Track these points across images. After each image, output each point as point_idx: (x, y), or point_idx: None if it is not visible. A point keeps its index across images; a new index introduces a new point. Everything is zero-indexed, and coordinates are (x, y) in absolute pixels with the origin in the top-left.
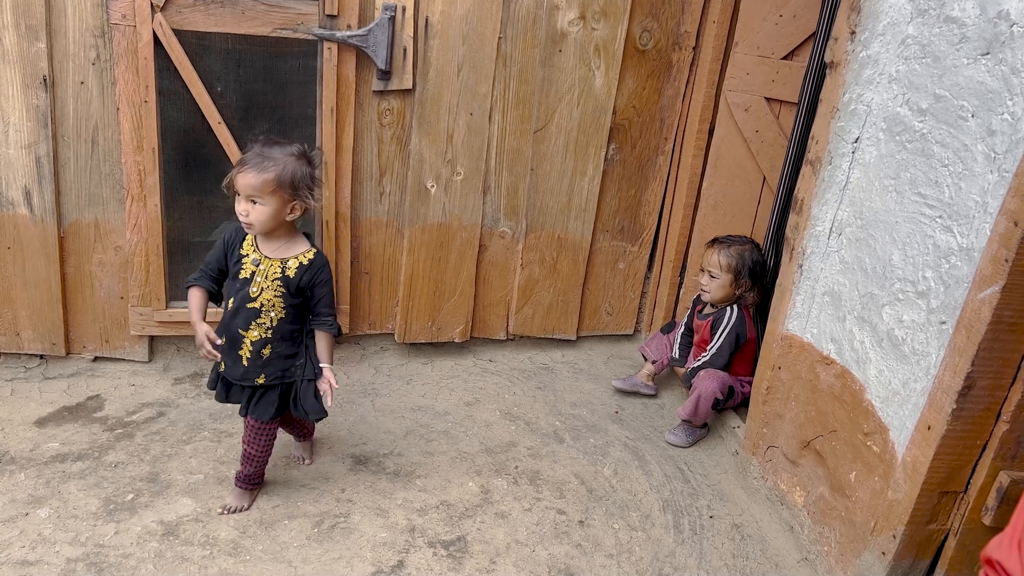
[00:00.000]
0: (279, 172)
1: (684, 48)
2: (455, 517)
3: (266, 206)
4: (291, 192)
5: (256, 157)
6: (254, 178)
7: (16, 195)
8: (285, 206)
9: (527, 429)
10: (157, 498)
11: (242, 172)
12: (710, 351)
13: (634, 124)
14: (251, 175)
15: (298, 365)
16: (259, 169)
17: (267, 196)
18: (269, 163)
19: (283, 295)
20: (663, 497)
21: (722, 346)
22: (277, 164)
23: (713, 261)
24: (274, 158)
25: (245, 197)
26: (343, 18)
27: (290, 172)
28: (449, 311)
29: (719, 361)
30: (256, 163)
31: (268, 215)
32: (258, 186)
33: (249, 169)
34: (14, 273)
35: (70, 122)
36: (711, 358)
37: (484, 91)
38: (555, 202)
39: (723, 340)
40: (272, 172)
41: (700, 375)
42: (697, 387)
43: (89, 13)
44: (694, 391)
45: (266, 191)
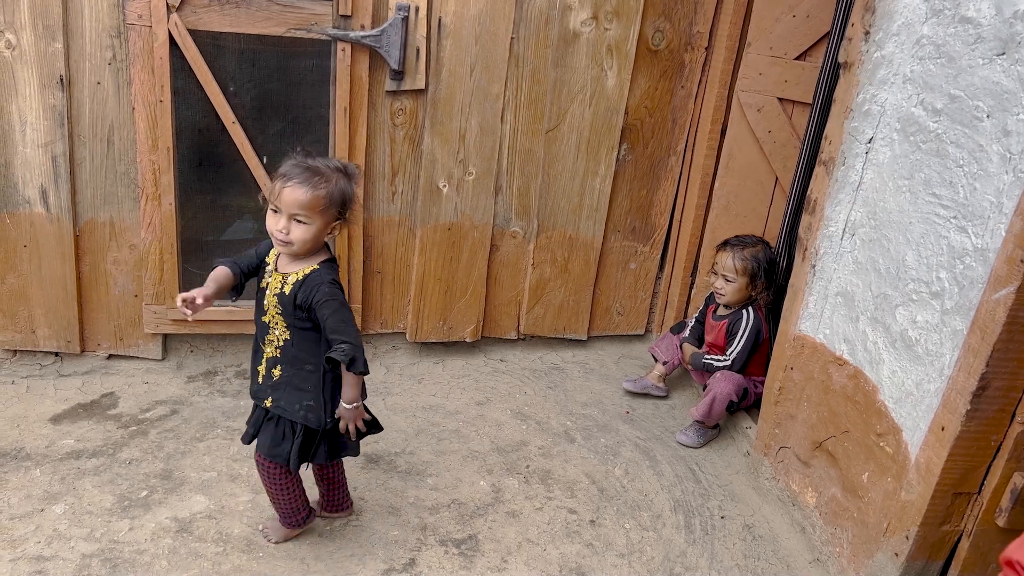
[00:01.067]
0: (330, 189)
1: (696, 48)
2: (466, 516)
3: (312, 225)
4: (339, 212)
5: (304, 172)
6: (304, 194)
7: (33, 194)
8: (328, 226)
9: (538, 428)
10: (171, 495)
11: (290, 186)
12: (731, 355)
13: (646, 124)
14: (301, 191)
15: (305, 406)
16: (310, 185)
17: (316, 215)
18: (319, 179)
19: (281, 313)
20: (674, 497)
21: (742, 350)
22: (328, 181)
23: (728, 265)
24: (323, 173)
25: (289, 214)
26: (357, 18)
27: (340, 189)
28: (460, 310)
29: (738, 365)
30: (305, 178)
31: (312, 235)
32: (308, 203)
33: (299, 184)
34: (30, 271)
35: (86, 121)
36: (732, 362)
37: (496, 91)
38: (567, 202)
39: (743, 344)
40: (324, 189)
41: (716, 377)
42: (712, 388)
43: (105, 13)
44: (709, 392)
45: (316, 209)
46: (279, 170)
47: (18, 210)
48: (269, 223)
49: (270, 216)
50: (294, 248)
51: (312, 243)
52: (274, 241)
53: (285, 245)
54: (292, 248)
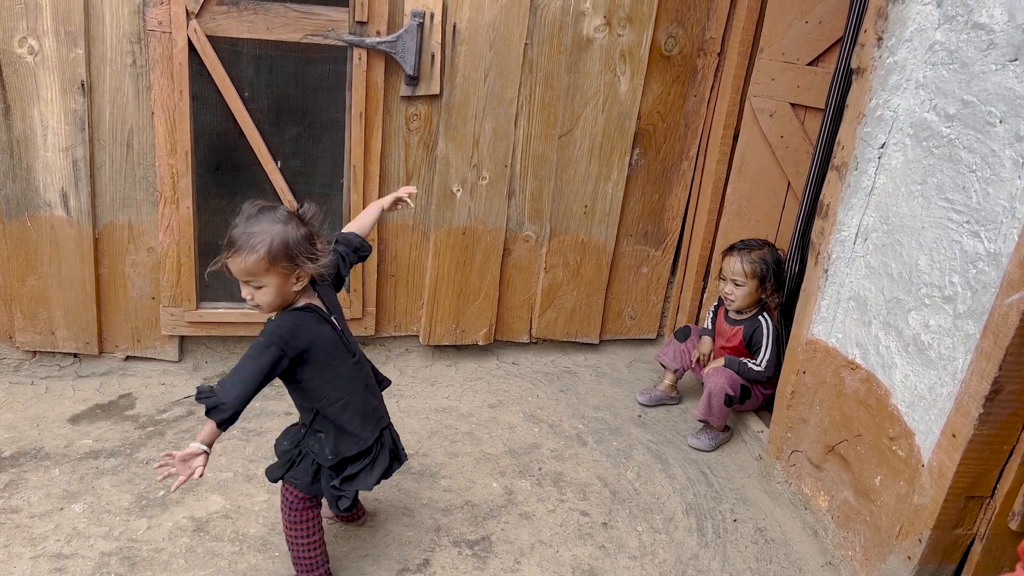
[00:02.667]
0: (269, 247)
1: (709, 54)
2: (479, 517)
3: (268, 286)
4: (288, 263)
5: (242, 236)
6: (243, 261)
7: (53, 197)
8: (288, 280)
9: (550, 431)
10: (188, 495)
11: (231, 257)
12: (763, 362)
13: (658, 129)
14: (239, 259)
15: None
16: (247, 250)
17: (263, 275)
18: (255, 239)
19: None
20: (686, 500)
21: (772, 355)
22: (264, 238)
23: (737, 269)
24: (258, 231)
25: (243, 282)
26: (372, 24)
27: (280, 242)
28: (473, 314)
29: (771, 370)
30: (242, 243)
31: (272, 295)
32: (251, 268)
33: (236, 252)
34: (50, 273)
35: (106, 126)
36: (766, 368)
37: (510, 96)
38: (579, 206)
39: (771, 349)
40: (262, 249)
41: (709, 373)
42: (707, 385)
43: (126, 20)
44: (704, 390)
45: (260, 271)
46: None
47: (39, 213)
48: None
49: (241, 285)
50: (264, 311)
51: (279, 300)
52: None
53: (257, 309)
54: (263, 311)
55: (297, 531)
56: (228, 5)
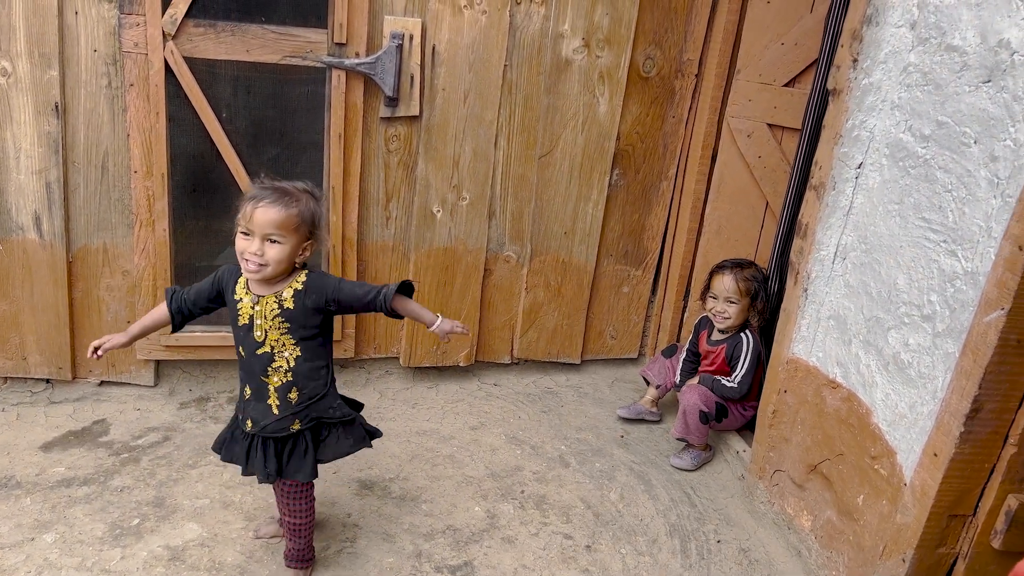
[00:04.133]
0: (301, 208)
1: (687, 75)
2: (461, 542)
3: (286, 244)
4: (310, 231)
5: (274, 192)
6: (277, 213)
7: (26, 220)
8: (300, 246)
9: (533, 453)
10: (163, 523)
11: (262, 207)
12: (736, 379)
13: (638, 150)
14: (273, 210)
15: (336, 404)
16: (282, 204)
17: (289, 233)
18: (290, 198)
19: (290, 331)
20: (670, 521)
21: (747, 373)
22: (299, 200)
23: (731, 287)
24: (293, 193)
25: (262, 236)
26: (351, 46)
27: (311, 209)
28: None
29: (745, 387)
30: (276, 197)
31: (286, 255)
32: (281, 222)
33: (270, 204)
34: (22, 297)
35: (81, 148)
36: (739, 385)
37: (490, 118)
38: (560, 227)
39: (747, 367)
40: (296, 207)
41: (682, 390)
42: (681, 403)
43: (102, 41)
44: (680, 407)
45: (290, 227)
46: (248, 194)
47: (11, 236)
48: (240, 246)
49: (240, 240)
50: (268, 271)
51: (286, 264)
52: (245, 266)
53: (259, 268)
54: (266, 271)
55: (309, 515)
56: (205, 27)
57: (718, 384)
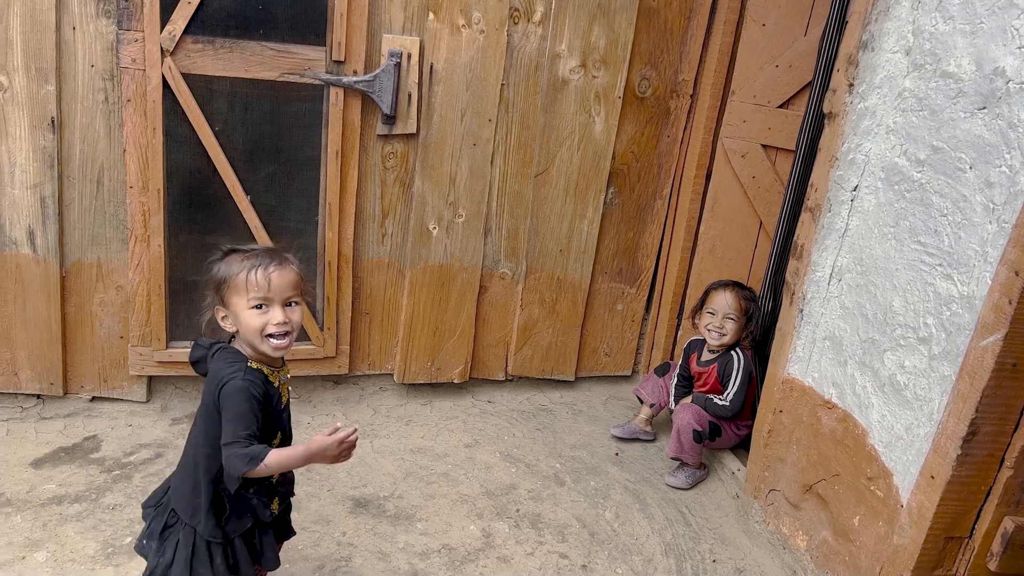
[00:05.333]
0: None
1: (682, 96)
2: (457, 561)
3: (302, 305)
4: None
5: (267, 254)
6: (292, 273)
7: (20, 235)
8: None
9: (527, 471)
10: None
11: (275, 271)
12: (728, 397)
13: (633, 169)
14: (287, 271)
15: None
16: (287, 263)
17: (301, 293)
18: (283, 256)
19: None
20: (665, 541)
21: (739, 391)
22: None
23: (732, 304)
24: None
25: (282, 301)
26: (350, 64)
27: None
28: (449, 352)
29: (737, 405)
30: (278, 258)
31: (302, 315)
32: (297, 281)
33: (280, 265)
34: (14, 313)
35: (76, 163)
36: (731, 403)
37: (487, 136)
38: (555, 244)
39: (739, 385)
40: (294, 264)
41: (677, 409)
42: (675, 423)
43: (99, 57)
44: (673, 426)
45: (300, 286)
46: (231, 269)
47: (4, 251)
48: (256, 322)
49: (254, 316)
50: (293, 337)
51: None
52: (275, 343)
53: (288, 337)
54: (293, 338)
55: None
56: (204, 43)
57: (710, 403)
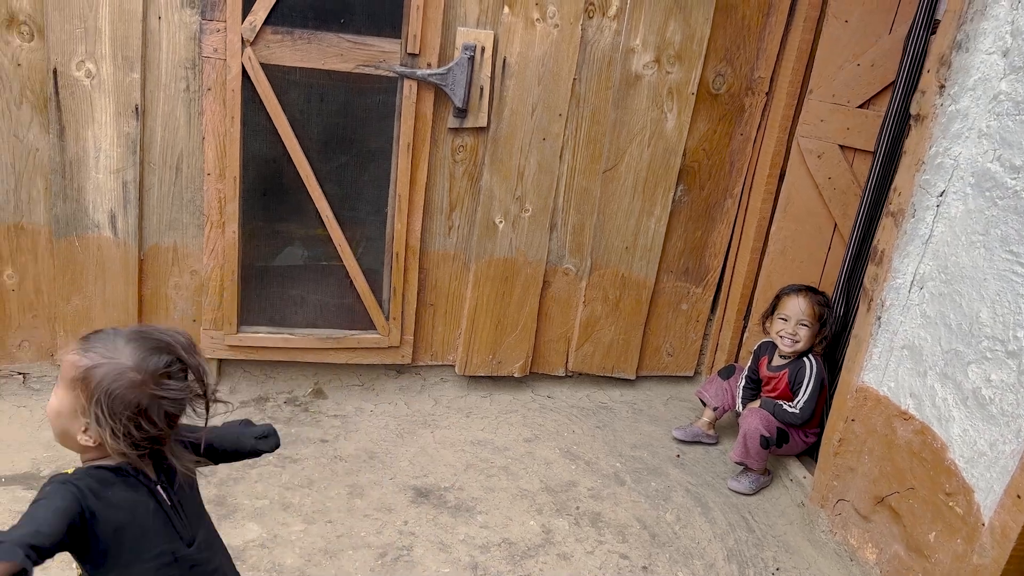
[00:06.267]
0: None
1: (757, 93)
2: (517, 556)
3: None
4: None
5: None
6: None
7: (102, 218)
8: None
9: (587, 469)
10: (223, 521)
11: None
12: (798, 405)
13: (703, 167)
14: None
15: None
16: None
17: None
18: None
19: None
20: (727, 546)
21: (810, 399)
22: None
23: (806, 310)
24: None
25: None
26: (424, 57)
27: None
28: (510, 345)
29: (807, 413)
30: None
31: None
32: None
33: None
34: (94, 293)
35: (157, 149)
36: (801, 411)
37: (556, 131)
38: (621, 241)
39: (810, 393)
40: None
41: (744, 414)
42: (741, 427)
43: (182, 46)
44: (740, 431)
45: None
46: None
47: (87, 233)
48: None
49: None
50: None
51: None
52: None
53: None
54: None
55: None
56: (283, 34)
57: (779, 409)
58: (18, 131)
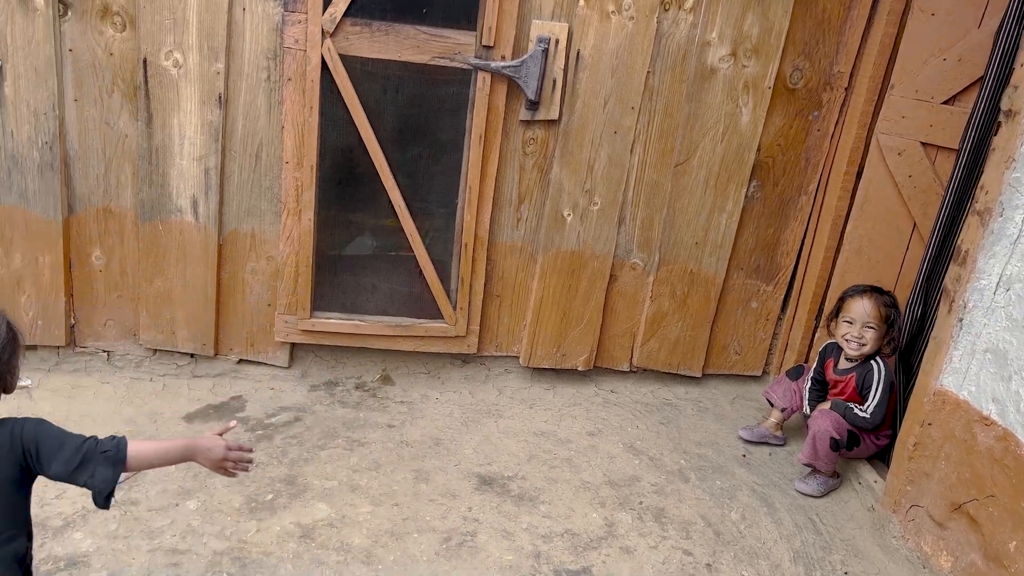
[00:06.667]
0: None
1: (836, 88)
2: (580, 547)
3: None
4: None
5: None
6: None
7: (184, 203)
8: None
9: (651, 465)
10: (295, 500)
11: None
12: (869, 409)
13: (778, 162)
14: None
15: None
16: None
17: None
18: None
19: None
20: (793, 547)
21: (880, 403)
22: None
23: (871, 312)
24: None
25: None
26: (498, 49)
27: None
28: (575, 339)
29: (878, 418)
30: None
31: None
32: None
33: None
34: (175, 276)
35: (238, 138)
36: (871, 415)
37: (628, 124)
38: (690, 236)
39: (880, 397)
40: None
41: (814, 415)
42: (811, 428)
43: (264, 37)
44: (809, 432)
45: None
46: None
47: (170, 218)
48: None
49: None
50: None
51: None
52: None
53: None
54: None
55: None
56: (361, 26)
57: (850, 412)
58: (109, 118)
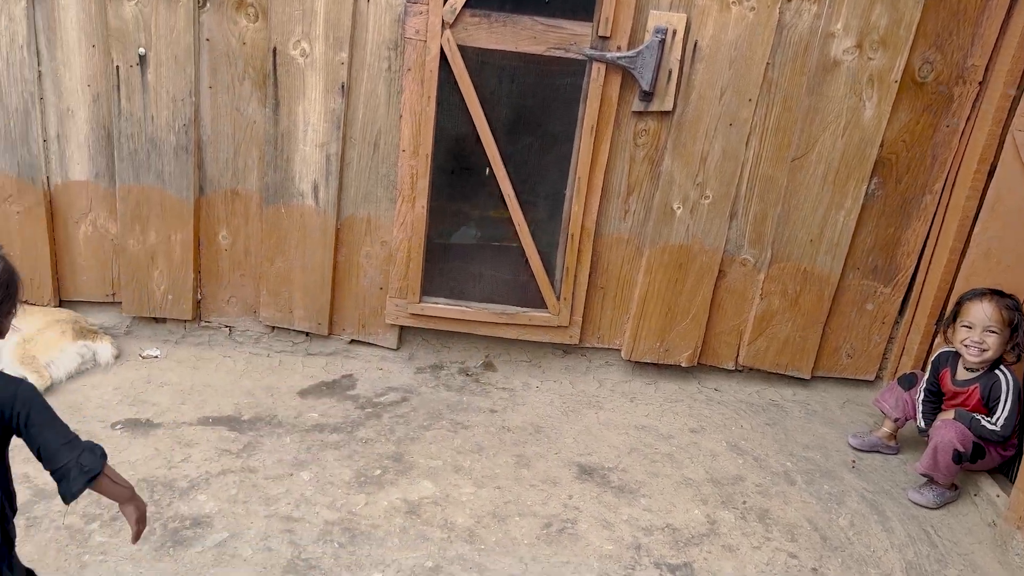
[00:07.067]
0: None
1: (969, 82)
2: (680, 542)
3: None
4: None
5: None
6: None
7: (306, 188)
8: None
9: (755, 465)
10: (401, 477)
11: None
12: (999, 422)
13: (901, 159)
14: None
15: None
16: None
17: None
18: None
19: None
20: (906, 558)
21: (1010, 415)
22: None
23: (992, 315)
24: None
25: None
26: (614, 40)
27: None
28: (679, 334)
29: (1008, 430)
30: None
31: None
32: None
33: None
34: (295, 257)
35: (358, 126)
36: (1002, 428)
37: (744, 116)
38: (805, 234)
39: (1010, 407)
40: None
41: (937, 424)
42: (933, 438)
43: (387, 28)
44: (930, 441)
45: None
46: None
47: (292, 202)
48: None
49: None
50: None
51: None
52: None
53: None
54: None
55: None
56: (480, 17)
57: (977, 423)
58: (239, 104)
